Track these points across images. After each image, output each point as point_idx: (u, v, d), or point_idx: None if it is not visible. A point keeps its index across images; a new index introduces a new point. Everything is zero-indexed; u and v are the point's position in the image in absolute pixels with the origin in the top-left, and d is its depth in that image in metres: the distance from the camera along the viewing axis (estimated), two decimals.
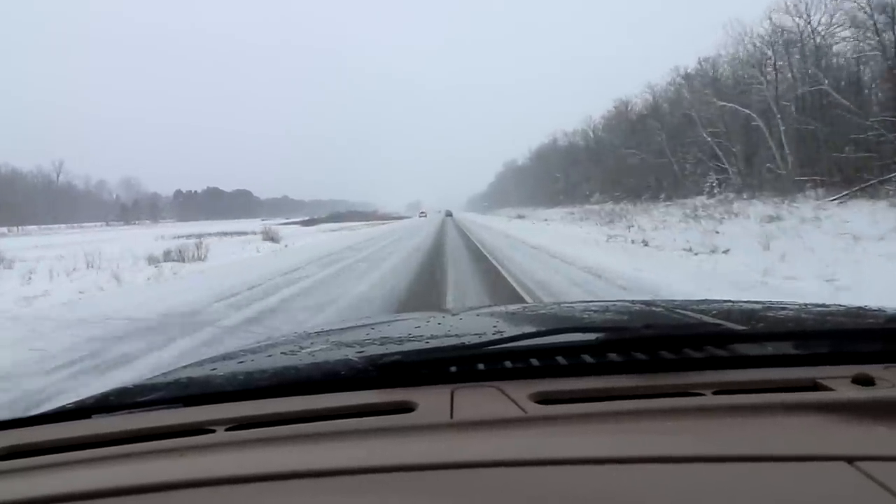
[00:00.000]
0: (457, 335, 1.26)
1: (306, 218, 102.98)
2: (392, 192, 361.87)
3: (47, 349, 5.85)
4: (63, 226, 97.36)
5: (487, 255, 14.59)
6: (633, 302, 1.98)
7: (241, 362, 1.13)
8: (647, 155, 41.61)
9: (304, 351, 1.19)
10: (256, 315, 7.42)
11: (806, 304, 1.39)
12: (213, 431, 0.75)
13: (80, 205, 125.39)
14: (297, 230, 45.47)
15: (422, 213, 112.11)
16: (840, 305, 1.34)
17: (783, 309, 1.34)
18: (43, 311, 8.72)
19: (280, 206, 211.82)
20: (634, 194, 42.14)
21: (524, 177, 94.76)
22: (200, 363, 1.20)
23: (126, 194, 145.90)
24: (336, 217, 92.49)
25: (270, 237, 27.58)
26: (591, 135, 62.00)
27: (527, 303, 6.57)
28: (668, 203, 33.41)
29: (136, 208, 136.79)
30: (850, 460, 0.53)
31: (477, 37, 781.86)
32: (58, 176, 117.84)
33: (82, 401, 0.94)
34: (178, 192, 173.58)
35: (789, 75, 28.69)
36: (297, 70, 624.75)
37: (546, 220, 41.61)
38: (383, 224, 59.91)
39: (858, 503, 0.49)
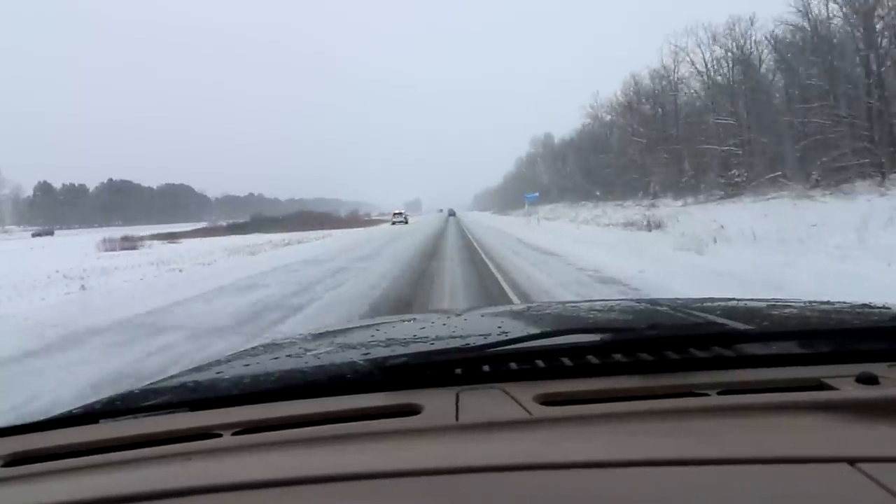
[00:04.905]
0: (461, 336, 1.25)
1: (201, 226, 63.02)
2: (391, 190, 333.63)
3: None
4: None
5: None
6: (637, 301, 1.97)
7: (247, 365, 1.13)
8: None
9: (309, 353, 1.17)
10: None
11: (810, 302, 1.37)
12: (220, 436, 0.74)
13: None
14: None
15: (397, 214, 62.54)
16: (844, 303, 1.30)
17: (787, 307, 1.33)
18: None
19: (240, 207, 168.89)
20: None
21: (577, 155, 56.82)
22: (206, 366, 1.18)
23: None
24: (255, 224, 52.06)
25: None
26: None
27: (531, 303, 6.36)
28: None
29: None
30: (853, 462, 0.53)
31: (482, 39, 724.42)
32: None
33: (90, 405, 0.93)
34: (45, 186, 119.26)
35: None
36: (290, 70, 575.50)
37: None
38: (307, 243, 25.66)
39: None
